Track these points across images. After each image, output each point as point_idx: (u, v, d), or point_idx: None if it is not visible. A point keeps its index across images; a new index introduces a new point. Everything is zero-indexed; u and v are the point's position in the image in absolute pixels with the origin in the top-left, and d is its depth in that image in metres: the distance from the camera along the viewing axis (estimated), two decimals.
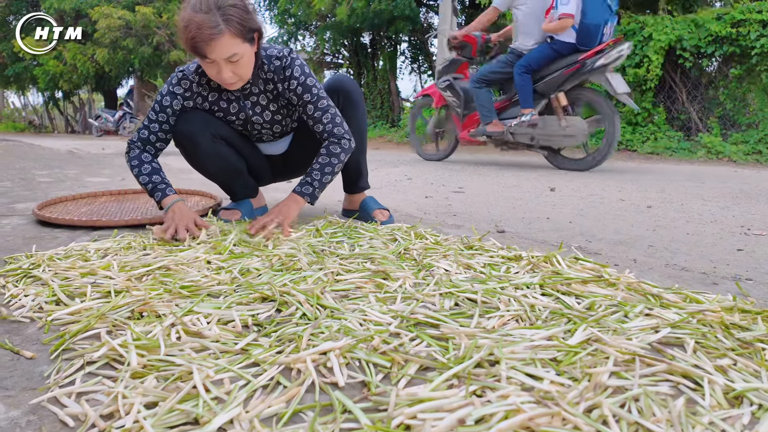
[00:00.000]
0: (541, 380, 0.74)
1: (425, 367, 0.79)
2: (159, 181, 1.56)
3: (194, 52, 1.36)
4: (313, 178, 1.57)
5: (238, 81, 1.47)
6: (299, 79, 1.56)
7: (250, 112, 1.64)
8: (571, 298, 1.07)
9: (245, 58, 1.41)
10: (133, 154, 1.60)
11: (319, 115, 1.58)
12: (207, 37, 1.31)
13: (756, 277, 1.32)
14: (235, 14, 1.34)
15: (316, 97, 1.57)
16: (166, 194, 1.55)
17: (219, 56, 1.36)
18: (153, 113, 1.60)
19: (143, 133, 1.61)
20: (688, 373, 0.76)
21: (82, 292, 1.06)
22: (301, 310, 0.98)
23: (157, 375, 0.73)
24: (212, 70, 1.42)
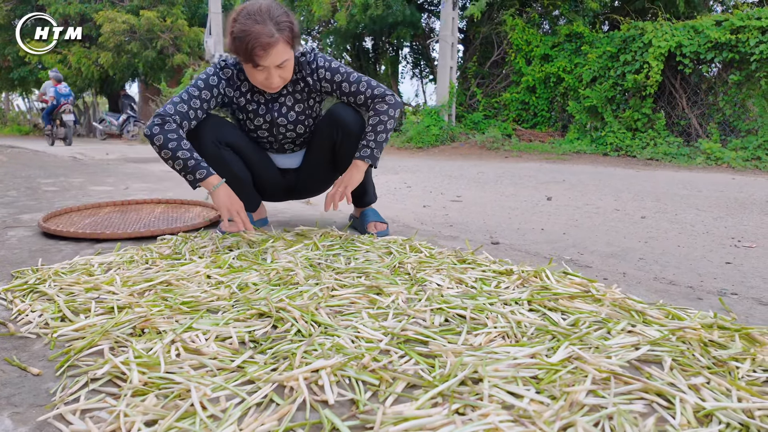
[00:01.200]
0: (522, 398, 0.78)
1: (412, 385, 0.83)
2: (200, 159, 1.51)
3: (248, 60, 1.43)
4: (368, 140, 1.61)
5: (281, 84, 1.55)
6: (325, 65, 1.64)
7: (276, 113, 1.70)
8: (557, 314, 1.11)
9: (290, 62, 1.51)
10: (170, 128, 1.48)
11: (355, 87, 1.64)
12: (265, 45, 1.40)
13: (741, 291, 1.36)
14: (286, 24, 1.45)
15: (346, 74, 1.65)
16: (211, 173, 1.52)
17: (272, 63, 1.44)
18: (195, 89, 1.57)
19: (181, 107, 1.53)
20: (662, 391, 0.80)
21: (87, 308, 1.10)
22: (296, 327, 1.02)
23: (157, 393, 0.78)
24: (260, 76, 1.49)
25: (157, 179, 3.84)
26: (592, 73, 6.85)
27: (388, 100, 1.63)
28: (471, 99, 9.11)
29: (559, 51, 7.76)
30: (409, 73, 11.88)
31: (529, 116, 8.34)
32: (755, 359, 0.91)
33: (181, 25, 13.54)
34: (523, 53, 8.08)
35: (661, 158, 5.91)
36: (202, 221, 1.93)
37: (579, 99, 7.07)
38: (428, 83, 11.73)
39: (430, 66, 11.00)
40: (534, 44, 8.00)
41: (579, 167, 5.35)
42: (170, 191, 3.08)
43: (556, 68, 7.61)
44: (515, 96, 8.27)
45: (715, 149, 5.66)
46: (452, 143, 7.88)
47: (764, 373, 0.88)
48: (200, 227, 1.89)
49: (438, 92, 8.53)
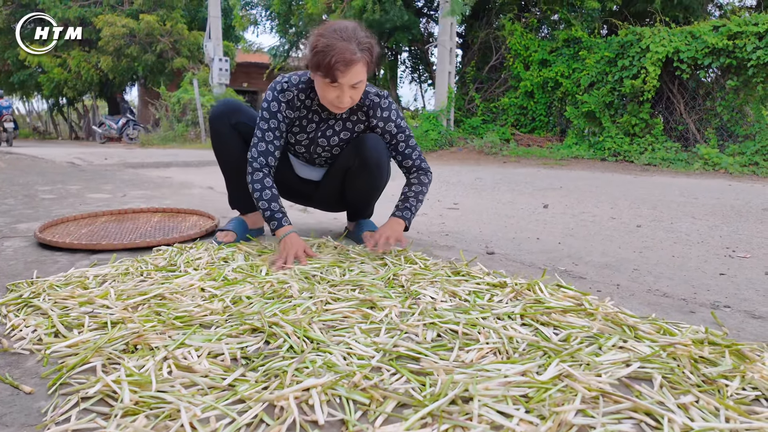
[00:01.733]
0: (511, 418, 0.78)
1: (403, 404, 0.83)
2: (277, 209, 1.63)
3: (327, 75, 1.45)
4: (411, 203, 1.71)
5: (348, 106, 1.57)
6: (396, 121, 1.72)
7: (320, 133, 1.74)
8: (550, 329, 1.11)
9: (363, 85, 1.54)
10: (257, 177, 1.63)
11: (409, 151, 1.75)
12: (348, 62, 1.42)
13: (734, 304, 1.36)
14: (369, 47, 1.48)
15: (408, 137, 1.75)
16: (282, 225, 1.62)
17: (349, 81, 1.47)
18: (264, 122, 1.65)
19: (261, 146, 1.64)
20: (651, 411, 0.80)
21: (80, 323, 1.11)
22: (288, 343, 1.03)
23: (147, 413, 0.78)
24: (333, 94, 1.51)
25: (155, 186, 3.84)
26: (590, 78, 6.88)
27: (429, 177, 1.78)
28: (469, 104, 9.13)
29: (557, 56, 7.79)
30: (408, 77, 11.91)
31: (527, 121, 8.35)
32: (744, 377, 0.91)
33: (180, 29, 13.58)
34: (521, 58, 8.10)
35: (659, 163, 5.92)
36: (198, 231, 1.94)
37: (577, 104, 7.09)
38: (427, 88, 11.77)
39: (429, 71, 11.03)
40: (532, 49, 8.02)
41: (576, 173, 5.36)
42: (167, 199, 3.09)
43: (554, 73, 7.63)
44: (513, 101, 8.29)
45: (712, 154, 5.67)
46: (451, 148, 7.89)
47: (753, 391, 0.88)
48: (196, 237, 1.89)
49: (436, 97, 8.55)
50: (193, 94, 11.29)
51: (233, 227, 1.87)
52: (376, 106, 1.70)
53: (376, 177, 1.79)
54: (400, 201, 1.72)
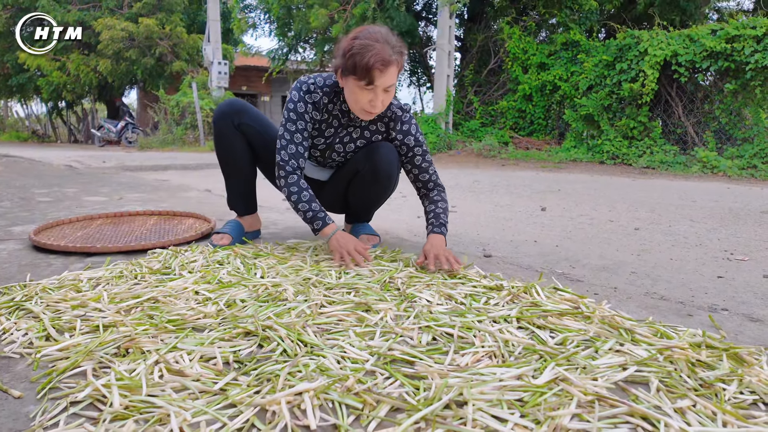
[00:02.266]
0: (506, 423, 0.77)
1: (396, 408, 0.82)
2: (318, 209, 1.63)
3: (365, 77, 1.44)
4: (442, 220, 1.69)
5: (378, 113, 1.56)
6: (415, 135, 1.72)
7: (338, 139, 1.73)
8: (546, 332, 1.10)
9: (393, 90, 1.53)
10: (291, 181, 1.62)
11: (426, 166, 1.75)
12: (386, 62, 1.42)
13: (731, 307, 1.35)
14: (401, 51, 1.49)
15: (424, 151, 1.75)
16: (327, 223, 1.63)
17: (384, 83, 1.46)
18: (291, 124, 1.62)
19: (291, 148, 1.62)
20: (647, 415, 0.79)
21: (72, 326, 1.09)
22: (282, 346, 1.02)
23: (137, 418, 0.77)
24: (366, 97, 1.49)
25: (153, 189, 3.83)
26: (588, 81, 6.89)
27: (445, 193, 1.79)
28: (468, 107, 9.14)
29: (555, 59, 7.80)
30: (407, 80, 11.92)
31: (525, 124, 8.36)
32: (742, 381, 0.90)
33: (179, 32, 13.59)
34: (519, 61, 8.12)
35: (657, 166, 5.92)
36: (193, 234, 1.93)
37: (575, 107, 7.10)
38: (426, 91, 11.78)
39: (428, 74, 11.04)
40: (530, 52, 8.04)
41: (575, 176, 5.36)
42: (164, 202, 3.08)
43: (553, 76, 7.65)
44: (512, 104, 8.30)
45: (711, 158, 5.67)
46: (449, 151, 7.89)
47: (751, 395, 0.87)
48: (191, 240, 1.88)
49: (435, 100, 8.56)
50: (192, 97, 11.30)
51: (229, 230, 1.86)
52: (397, 119, 1.69)
53: (384, 188, 1.80)
54: (433, 218, 1.68)
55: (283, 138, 1.62)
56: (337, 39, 8.75)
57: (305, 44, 11.38)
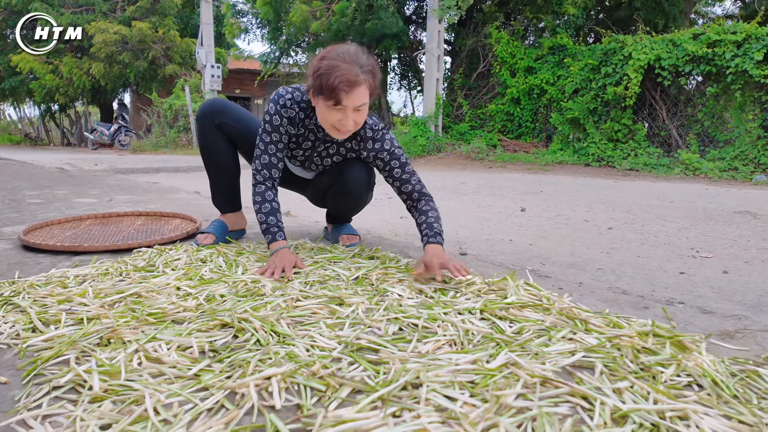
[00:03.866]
0: (456, 401, 0.84)
1: (357, 390, 0.89)
2: (273, 224, 1.64)
3: (331, 97, 1.44)
4: (439, 229, 1.62)
5: (351, 132, 1.56)
6: (390, 150, 1.70)
7: (315, 153, 1.77)
8: (506, 323, 1.17)
9: (365, 109, 1.53)
10: (258, 190, 1.66)
11: (407, 177, 1.71)
12: (353, 83, 1.42)
13: (688, 300, 1.43)
14: (372, 70, 1.49)
15: (402, 163, 1.72)
16: (276, 239, 1.63)
17: (352, 103, 1.46)
18: (266, 135, 1.66)
19: (264, 159, 1.66)
20: (586, 395, 0.86)
21: (58, 319, 1.15)
22: (255, 337, 1.08)
23: (115, 399, 0.83)
24: (335, 116, 1.50)
25: (142, 191, 3.88)
26: (574, 85, 7.01)
27: (433, 201, 1.74)
28: (458, 110, 9.25)
29: (542, 63, 7.93)
30: (397, 84, 12.02)
31: (513, 127, 8.48)
32: (680, 365, 0.98)
33: (172, 35, 13.62)
34: (507, 65, 8.24)
35: (641, 168, 6.04)
36: (179, 234, 1.99)
37: (562, 110, 7.22)
38: (416, 94, 11.88)
39: (418, 77, 11.15)
40: (518, 57, 8.16)
41: (559, 178, 5.46)
42: (153, 203, 3.13)
43: (540, 80, 7.77)
44: (500, 107, 8.41)
45: (693, 160, 5.79)
46: (439, 154, 7.98)
47: (687, 377, 0.94)
48: (176, 240, 1.94)
49: (425, 103, 8.65)
50: (184, 100, 11.34)
51: (213, 230, 1.92)
52: (368, 138, 1.70)
53: (355, 203, 1.88)
54: (426, 228, 1.61)
55: (259, 148, 1.67)
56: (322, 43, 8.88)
57: (297, 48, 11.45)
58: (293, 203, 3.14)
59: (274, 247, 1.62)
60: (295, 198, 3.36)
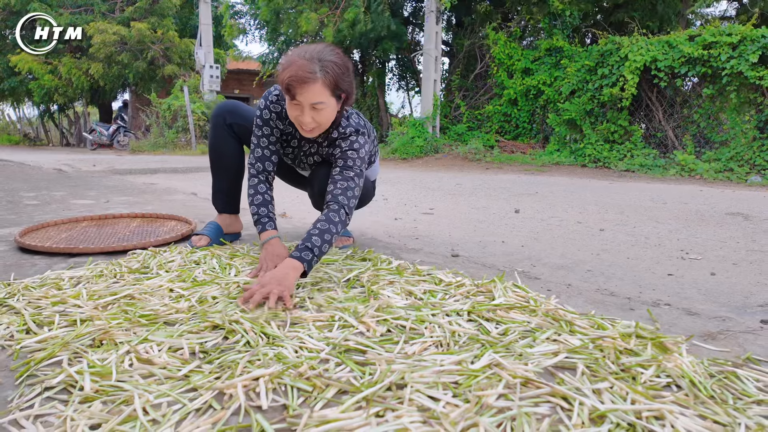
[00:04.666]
0: (438, 401, 0.86)
1: (343, 391, 0.91)
2: (264, 214, 1.66)
3: (286, 91, 1.47)
4: (314, 244, 1.43)
5: (315, 129, 1.54)
6: (342, 147, 1.63)
7: (302, 152, 1.79)
8: (492, 324, 1.19)
9: (328, 110, 1.50)
10: (252, 183, 1.70)
11: (338, 178, 1.59)
12: (302, 79, 1.42)
13: (674, 302, 1.45)
14: (333, 69, 1.45)
15: (347, 166, 1.61)
16: (266, 229, 1.64)
17: (307, 100, 1.46)
18: (258, 129, 1.71)
19: (257, 152, 1.71)
20: (567, 395, 0.88)
21: (51, 321, 1.17)
22: (245, 338, 1.10)
23: (105, 399, 0.85)
24: (295, 111, 1.51)
25: (139, 192, 3.90)
26: (570, 86, 7.03)
27: (341, 215, 1.53)
28: (455, 111, 9.28)
29: (539, 65, 7.96)
30: (396, 85, 12.05)
31: (511, 128, 8.51)
32: (660, 366, 1.00)
33: (171, 36, 13.64)
34: (504, 67, 8.27)
35: (636, 170, 6.06)
36: (174, 236, 2.00)
37: (558, 111, 7.25)
38: (414, 95, 11.91)
39: (416, 78, 11.18)
40: (515, 58, 8.19)
41: (555, 179, 5.48)
42: (149, 205, 3.15)
43: (537, 81, 7.80)
44: (498, 108, 8.44)
45: (689, 161, 5.81)
46: (436, 154, 8.01)
47: (666, 378, 0.96)
48: (171, 242, 1.96)
49: (423, 104, 8.68)
50: (183, 101, 11.35)
51: (207, 232, 1.94)
52: (346, 137, 1.66)
53: None
54: (302, 240, 1.44)
55: (253, 142, 1.72)
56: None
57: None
58: (289, 204, 3.17)
59: (264, 237, 1.63)
60: (291, 199, 3.38)
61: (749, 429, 0.79)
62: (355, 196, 1.59)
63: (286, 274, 1.33)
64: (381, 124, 10.71)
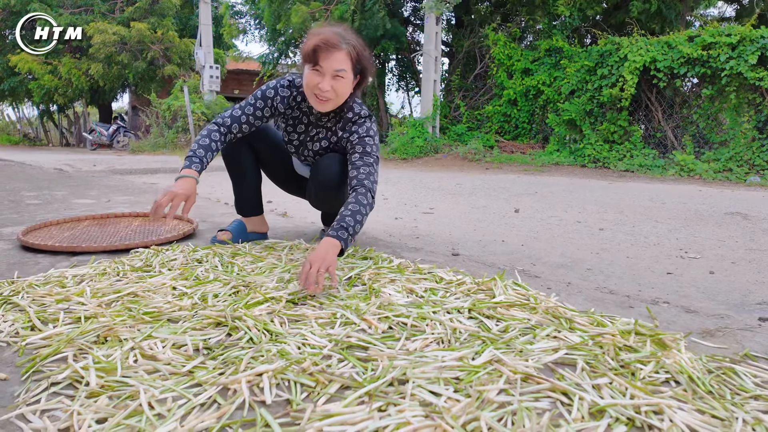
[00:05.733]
0: (440, 396, 0.87)
1: (346, 386, 0.92)
2: (201, 156, 1.62)
3: (310, 58, 1.51)
4: (348, 223, 1.51)
5: (330, 101, 1.59)
6: (359, 133, 1.70)
7: (308, 137, 1.81)
8: (493, 321, 1.20)
9: (347, 82, 1.57)
10: (210, 128, 1.68)
11: (360, 164, 1.65)
12: (331, 44, 1.49)
13: (673, 300, 1.46)
14: (356, 45, 1.56)
15: (365, 152, 1.68)
16: (190, 167, 1.60)
17: (330, 66, 1.51)
18: (253, 99, 1.71)
19: (236, 112, 1.70)
20: (567, 390, 0.89)
21: (56, 318, 1.18)
22: (248, 335, 1.11)
23: (111, 394, 0.86)
24: (315, 79, 1.54)
25: (140, 192, 3.91)
26: (570, 86, 7.05)
27: (369, 197, 1.60)
28: (455, 111, 9.30)
29: (539, 65, 7.98)
30: (395, 85, 12.07)
31: (510, 128, 8.53)
32: (659, 362, 1.01)
33: (171, 36, 13.66)
34: (504, 67, 8.29)
35: (636, 170, 6.08)
36: (176, 234, 2.01)
37: (558, 112, 7.26)
38: (414, 95, 11.93)
39: (416, 78, 11.20)
40: (515, 58, 8.20)
41: (554, 179, 5.50)
42: (151, 204, 3.16)
43: (536, 82, 7.82)
44: (497, 108, 8.46)
45: (688, 161, 5.83)
46: (436, 155, 8.03)
47: (665, 374, 0.98)
48: (173, 240, 1.97)
49: (423, 105, 8.70)
50: (183, 101, 11.36)
51: (231, 228, 1.98)
52: (348, 120, 1.73)
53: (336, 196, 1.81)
54: (335, 221, 1.52)
55: (238, 105, 1.71)
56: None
57: (295, 49, 11.48)
58: (290, 204, 3.18)
59: (183, 172, 1.58)
60: (291, 199, 3.39)
61: (747, 423, 0.81)
62: (376, 181, 1.67)
63: (327, 252, 1.42)
64: (381, 124, 10.73)
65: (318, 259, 1.37)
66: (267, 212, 2.85)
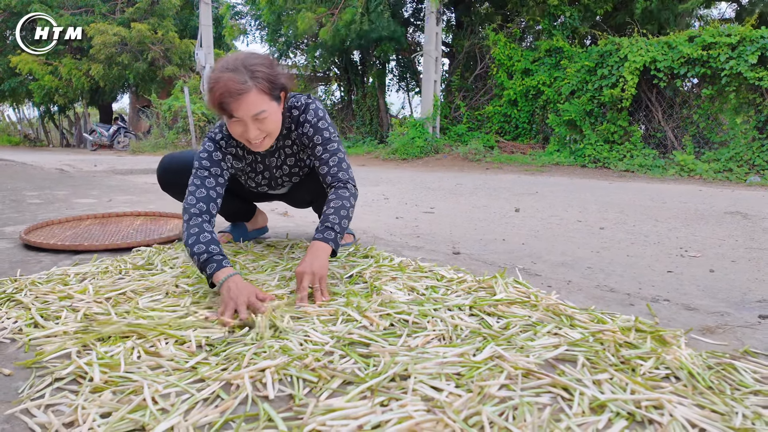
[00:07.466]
0: (442, 392, 0.88)
1: (348, 382, 0.92)
2: (217, 252, 1.33)
3: (221, 111, 1.34)
4: (332, 222, 1.43)
5: (265, 140, 1.43)
6: (311, 121, 1.54)
7: (274, 169, 1.67)
8: (494, 318, 1.21)
9: (272, 116, 1.39)
10: (195, 222, 1.40)
11: (326, 156, 1.53)
12: (234, 93, 1.30)
13: (673, 298, 1.47)
14: (262, 72, 1.35)
15: (327, 140, 1.54)
16: (223, 266, 1.30)
17: (246, 114, 1.33)
18: (203, 171, 1.50)
19: (200, 192, 1.46)
20: (567, 386, 0.90)
21: (58, 315, 1.19)
22: (251, 332, 1.12)
23: (114, 389, 0.87)
24: (238, 129, 1.38)
25: (141, 191, 3.92)
26: (570, 86, 7.06)
27: (350, 188, 1.52)
28: (455, 111, 9.31)
29: (539, 65, 7.98)
30: (396, 86, 12.08)
31: (510, 128, 8.54)
32: (659, 358, 1.01)
33: (171, 37, 13.67)
34: (504, 67, 8.29)
35: (636, 170, 6.09)
36: (177, 233, 2.02)
37: (558, 112, 7.27)
38: (414, 96, 11.94)
39: (416, 79, 11.21)
40: (515, 59, 8.21)
41: (555, 179, 5.50)
42: (152, 204, 3.17)
43: (537, 82, 7.82)
44: (497, 109, 8.47)
45: (688, 161, 5.84)
46: (436, 155, 8.04)
47: (665, 370, 0.98)
48: (174, 239, 1.98)
49: (423, 105, 8.71)
50: (183, 101, 11.38)
51: (231, 230, 1.99)
52: (295, 118, 1.56)
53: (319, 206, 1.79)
54: (321, 222, 1.45)
55: (194, 183, 1.48)
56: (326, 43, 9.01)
57: (296, 50, 11.51)
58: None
59: (222, 274, 1.28)
60: None
61: (746, 418, 0.81)
62: (348, 165, 1.56)
63: (314, 259, 1.35)
64: (381, 124, 10.74)
65: (307, 271, 1.32)
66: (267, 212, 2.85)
